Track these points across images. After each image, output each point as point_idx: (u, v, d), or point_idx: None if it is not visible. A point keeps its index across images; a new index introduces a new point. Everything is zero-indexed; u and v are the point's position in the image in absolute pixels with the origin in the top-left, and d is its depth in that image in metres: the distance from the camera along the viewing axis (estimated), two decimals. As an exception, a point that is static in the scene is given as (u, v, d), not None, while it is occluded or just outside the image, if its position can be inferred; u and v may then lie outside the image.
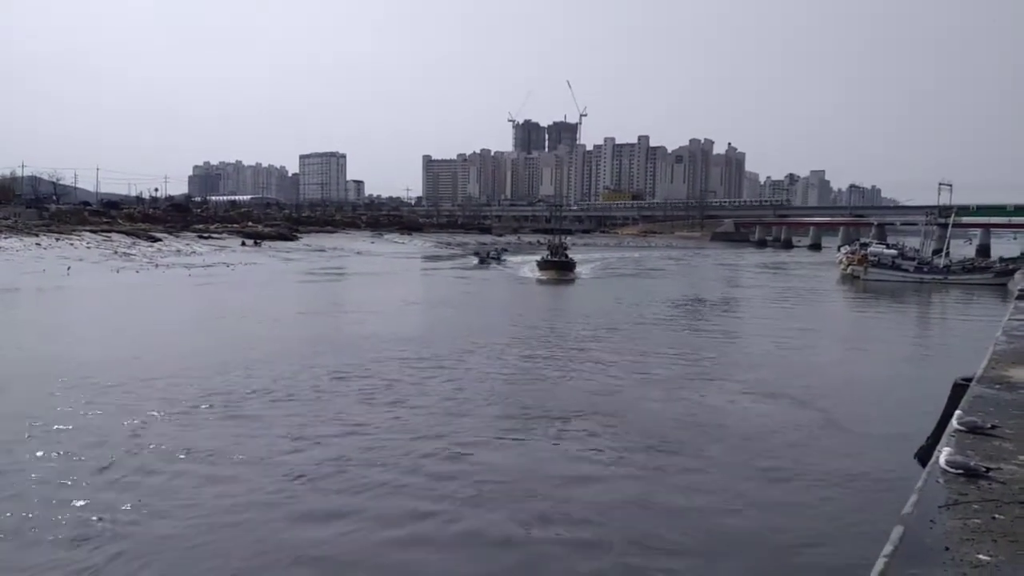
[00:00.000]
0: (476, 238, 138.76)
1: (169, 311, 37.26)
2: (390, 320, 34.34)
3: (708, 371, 22.99)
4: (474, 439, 15.12)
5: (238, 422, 16.05)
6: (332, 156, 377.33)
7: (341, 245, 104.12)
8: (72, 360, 21.79)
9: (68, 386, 18.64)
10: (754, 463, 13.89)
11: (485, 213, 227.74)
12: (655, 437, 15.38)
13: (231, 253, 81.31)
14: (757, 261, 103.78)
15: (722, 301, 47.76)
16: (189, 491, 12.12)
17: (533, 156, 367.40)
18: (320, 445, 14.51)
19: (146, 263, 65.82)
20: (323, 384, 19.83)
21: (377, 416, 16.73)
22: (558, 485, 12.55)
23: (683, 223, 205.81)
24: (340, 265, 75.35)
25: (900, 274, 61.90)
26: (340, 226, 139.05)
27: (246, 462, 13.52)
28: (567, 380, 21.25)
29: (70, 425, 15.37)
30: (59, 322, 32.03)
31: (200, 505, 11.59)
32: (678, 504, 11.88)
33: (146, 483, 12.32)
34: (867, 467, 13.68)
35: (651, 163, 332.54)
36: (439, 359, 23.65)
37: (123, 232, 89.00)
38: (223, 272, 60.63)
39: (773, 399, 19.18)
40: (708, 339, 30.37)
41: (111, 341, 26.69)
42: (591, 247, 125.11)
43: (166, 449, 14.06)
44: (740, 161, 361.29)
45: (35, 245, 71.65)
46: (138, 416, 16.18)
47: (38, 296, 41.29)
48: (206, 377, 20.16)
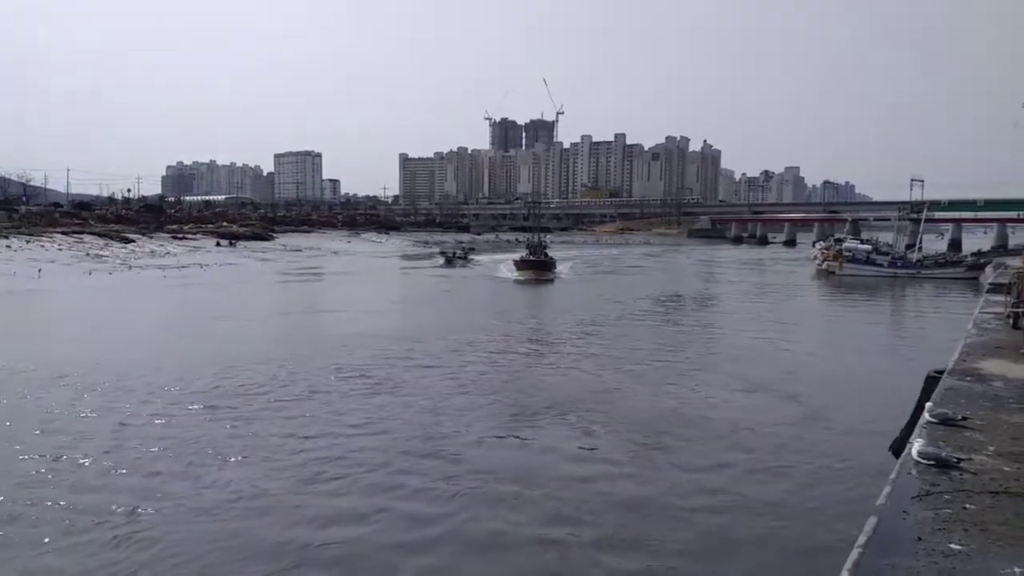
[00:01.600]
0: (454, 237, 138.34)
1: (145, 313, 36.74)
2: (374, 319, 34.19)
3: (690, 366, 23.26)
4: (472, 437, 15.24)
5: (235, 421, 16.02)
6: (307, 155, 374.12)
7: (318, 245, 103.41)
8: (47, 362, 21.41)
9: (42, 387, 18.38)
10: (734, 456, 14.05)
11: (463, 211, 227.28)
12: (642, 431, 15.59)
13: (206, 254, 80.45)
14: (733, 257, 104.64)
15: (700, 297, 48.11)
16: (185, 492, 12.04)
17: (510, 154, 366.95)
18: (316, 444, 14.52)
19: (119, 265, 64.91)
20: (316, 383, 19.81)
21: (374, 413, 16.83)
22: (556, 483, 12.59)
23: (660, 220, 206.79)
24: (317, 265, 74.85)
25: (874, 269, 62.64)
26: (316, 226, 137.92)
27: (248, 462, 13.48)
28: (555, 377, 21.41)
29: (51, 424, 15.20)
30: (30, 325, 31.51)
31: (197, 504, 11.56)
32: (664, 499, 11.95)
33: (145, 482, 12.21)
34: (842, 459, 13.83)
35: (628, 161, 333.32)
36: (428, 357, 23.78)
37: (95, 234, 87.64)
38: (198, 273, 59.98)
39: (753, 393, 19.51)
40: (688, 335, 30.67)
41: (88, 343, 26.29)
42: (569, 245, 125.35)
43: (163, 449, 13.95)
44: (716, 158, 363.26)
45: (5, 247, 70.37)
46: (120, 415, 16.06)
47: (7, 299, 40.56)
48: (194, 378, 19.95)
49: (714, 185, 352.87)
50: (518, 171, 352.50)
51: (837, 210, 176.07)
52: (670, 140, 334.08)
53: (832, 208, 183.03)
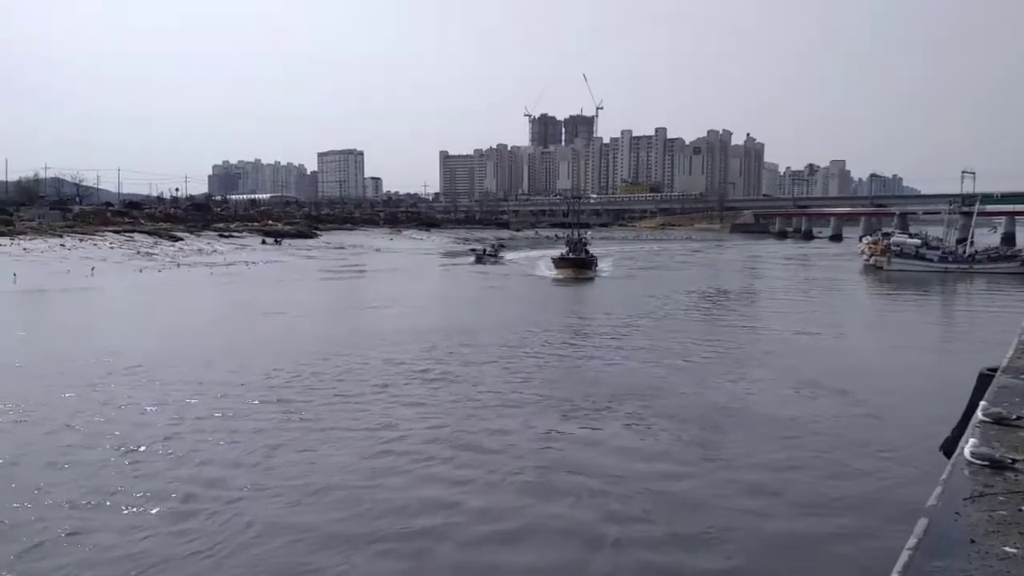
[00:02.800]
0: (494, 233, 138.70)
1: (198, 309, 37.72)
2: (422, 315, 34.68)
3: (738, 362, 23.38)
4: (531, 430, 15.49)
5: (300, 413, 16.52)
6: (350, 153, 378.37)
7: (360, 242, 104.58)
8: (108, 355, 22.09)
9: (108, 379, 19.00)
10: (784, 453, 14.00)
11: (503, 208, 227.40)
12: (695, 426, 15.74)
13: (252, 252, 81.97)
14: (778, 252, 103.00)
15: (745, 293, 47.51)
16: (256, 480, 12.47)
17: (550, 150, 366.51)
18: (382, 436, 14.94)
19: (168, 262, 66.54)
20: (374, 376, 20.42)
21: (435, 406, 17.28)
22: (613, 478, 12.69)
23: (702, 215, 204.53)
24: (360, 262, 75.73)
25: (924, 264, 61.15)
26: (359, 223, 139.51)
27: (313, 453, 13.90)
28: (607, 372, 21.62)
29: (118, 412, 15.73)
30: (86, 322, 32.48)
31: (287, 486, 12.11)
32: (716, 496, 11.94)
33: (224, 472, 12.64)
34: (891, 459, 13.61)
35: (669, 155, 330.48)
36: (480, 352, 24.27)
37: (145, 232, 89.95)
38: (245, 271, 61.19)
39: (802, 389, 19.41)
40: (735, 330, 30.47)
41: (145, 338, 26.94)
42: (609, 240, 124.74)
43: (228, 439, 14.44)
44: (759, 152, 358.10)
45: (59, 246, 72.61)
46: (185, 406, 16.62)
47: (64, 296, 41.89)
48: (257, 371, 20.63)
49: (757, 179, 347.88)
50: (557, 167, 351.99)
51: (884, 204, 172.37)
52: (712, 134, 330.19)
53: (879, 202, 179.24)
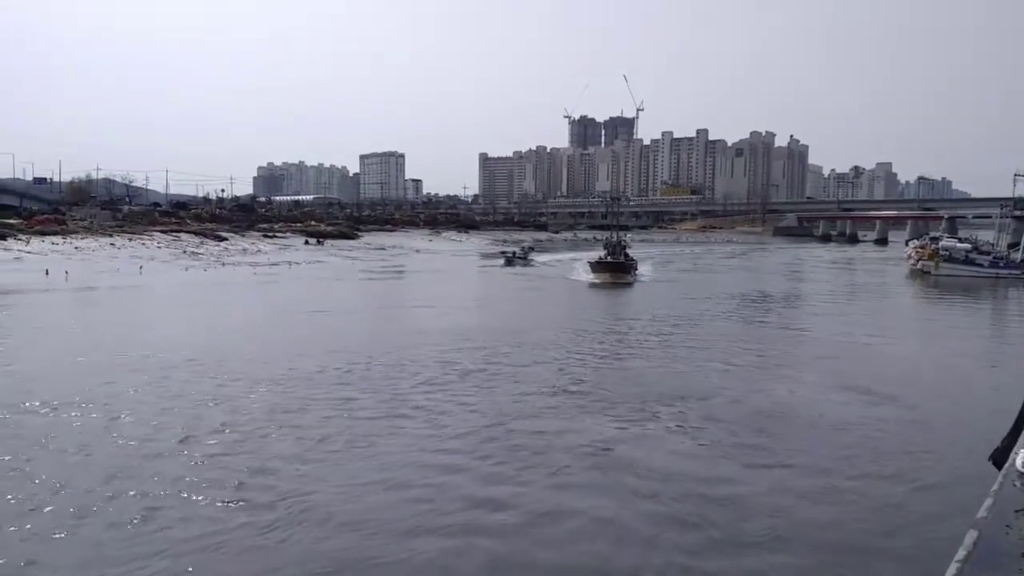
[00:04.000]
0: (532, 235, 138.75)
1: (245, 307, 38.47)
2: (464, 315, 34.99)
3: (784, 365, 23.29)
4: (583, 431, 15.49)
5: (351, 407, 16.89)
6: (391, 156, 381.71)
7: (400, 243, 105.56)
8: (163, 350, 22.62)
9: (166, 373, 19.47)
10: (830, 459, 13.79)
11: (541, 210, 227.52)
12: (742, 428, 15.67)
13: (295, 252, 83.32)
14: (822, 256, 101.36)
15: (790, 296, 46.83)
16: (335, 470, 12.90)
17: (589, 152, 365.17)
18: (435, 431, 15.26)
19: (214, 262, 67.98)
20: (427, 371, 20.82)
21: (486, 404, 17.52)
22: (661, 477, 12.73)
23: (744, 218, 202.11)
24: (401, 263, 76.46)
25: (974, 269, 59.57)
26: (399, 224, 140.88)
27: (369, 447, 14.21)
28: (651, 373, 21.60)
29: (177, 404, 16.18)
30: (137, 319, 33.31)
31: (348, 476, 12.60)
32: (762, 499, 11.85)
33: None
34: (940, 468, 13.33)
35: (710, 157, 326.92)
36: (526, 351, 24.43)
37: (191, 232, 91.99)
38: (288, 270, 62.23)
39: (848, 392, 19.20)
40: (779, 334, 30.27)
41: (195, 334, 27.45)
42: (649, 243, 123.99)
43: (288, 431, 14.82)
44: (803, 154, 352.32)
45: (109, 245, 74.71)
46: (243, 399, 16.95)
47: (115, 293, 43.05)
48: (312, 365, 21.00)
49: (801, 182, 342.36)
50: (597, 169, 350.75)
51: (932, 207, 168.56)
52: (755, 135, 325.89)
53: (927, 205, 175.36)
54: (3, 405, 16.44)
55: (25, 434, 14.45)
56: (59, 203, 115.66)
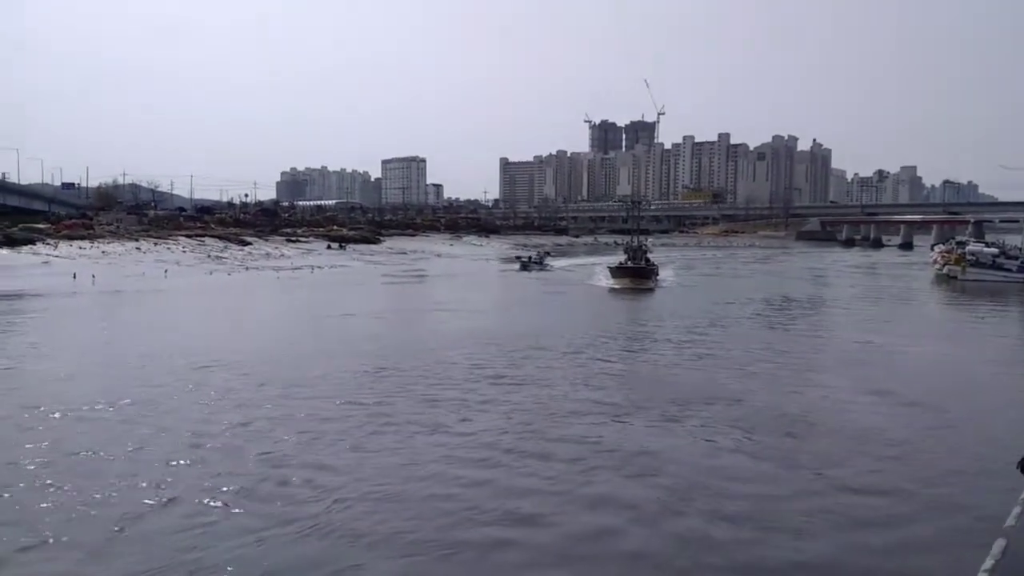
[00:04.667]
0: (552, 239, 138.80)
1: (270, 310, 39.03)
2: (486, 320, 35.32)
3: (810, 369, 23.34)
4: (611, 432, 15.63)
5: (378, 406, 17.27)
6: (413, 161, 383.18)
7: (422, 248, 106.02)
8: (189, 353, 22.89)
9: (199, 374, 19.76)
10: (857, 464, 13.75)
11: (561, 214, 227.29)
12: (768, 431, 15.70)
13: (317, 256, 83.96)
14: (846, 260, 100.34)
15: (814, 301, 46.40)
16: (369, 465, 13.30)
17: (610, 156, 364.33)
18: (467, 427, 15.65)
19: (237, 266, 68.67)
20: (455, 374, 21.09)
21: (514, 404, 17.78)
22: (689, 479, 12.82)
23: (766, 222, 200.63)
24: (422, 267, 76.79)
25: (1002, 274, 58.70)
26: (420, 229, 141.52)
27: (399, 445, 14.51)
28: (677, 376, 21.72)
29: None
30: (163, 322, 33.71)
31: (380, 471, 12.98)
32: (787, 504, 11.81)
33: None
34: (967, 475, 13.15)
35: (732, 161, 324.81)
36: (548, 355, 24.55)
37: (215, 236, 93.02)
38: (311, 275, 62.72)
39: (875, 397, 19.11)
40: (805, 339, 30.12)
41: (224, 337, 27.80)
42: (670, 247, 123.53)
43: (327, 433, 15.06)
44: (826, 158, 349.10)
45: (135, 249, 75.73)
46: (278, 402, 17.18)
47: (140, 297, 43.63)
48: (341, 367, 21.23)
49: (824, 186, 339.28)
50: (617, 173, 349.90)
51: (958, 211, 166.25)
52: (777, 139, 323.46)
53: (952, 209, 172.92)
54: (39, 406, 16.75)
55: (63, 436, 14.69)
56: (86, 208, 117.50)
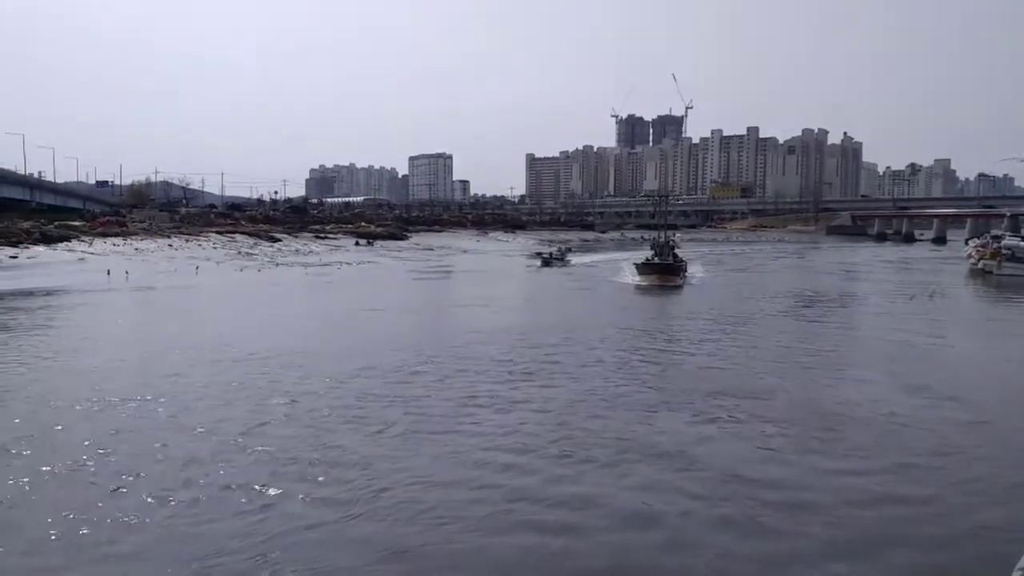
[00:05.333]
0: (579, 235, 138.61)
1: (303, 306, 39.44)
2: (516, 315, 35.78)
3: (844, 365, 23.30)
4: (646, 426, 15.78)
5: (416, 401, 17.50)
6: (439, 157, 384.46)
7: (448, 244, 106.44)
8: (223, 346, 23.31)
9: (232, 366, 20.11)
10: (892, 460, 13.68)
11: (588, 210, 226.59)
12: (805, 428, 15.65)
13: (345, 252, 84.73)
14: (878, 256, 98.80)
15: (847, 296, 45.79)
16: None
17: (636, 151, 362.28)
18: (498, 420, 15.96)
19: (267, 262, 69.50)
20: (490, 368, 21.45)
21: (558, 398, 17.98)
22: (723, 474, 12.86)
23: (796, 217, 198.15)
24: (449, 263, 77.07)
25: (1039, 269, 57.48)
26: (447, 225, 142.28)
27: (431, 436, 14.81)
28: (710, 371, 21.65)
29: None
30: (196, 318, 34.29)
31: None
32: (821, 499, 11.81)
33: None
34: (999, 474, 13.02)
35: (761, 155, 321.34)
36: (582, 348, 24.91)
37: (246, 233, 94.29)
38: (340, 271, 63.20)
39: (911, 394, 18.93)
40: (839, 334, 29.94)
41: (261, 332, 27.95)
42: (698, 242, 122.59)
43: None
44: (857, 151, 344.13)
45: (167, 246, 77.08)
46: (320, 396, 17.42)
47: (173, 293, 44.34)
48: (377, 362, 21.60)
49: (855, 179, 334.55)
50: (644, 168, 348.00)
51: (993, 205, 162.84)
52: (807, 132, 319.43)
53: (987, 203, 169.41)
54: (90, 398, 17.22)
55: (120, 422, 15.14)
56: (120, 205, 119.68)
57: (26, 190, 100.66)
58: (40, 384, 18.99)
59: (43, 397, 17.46)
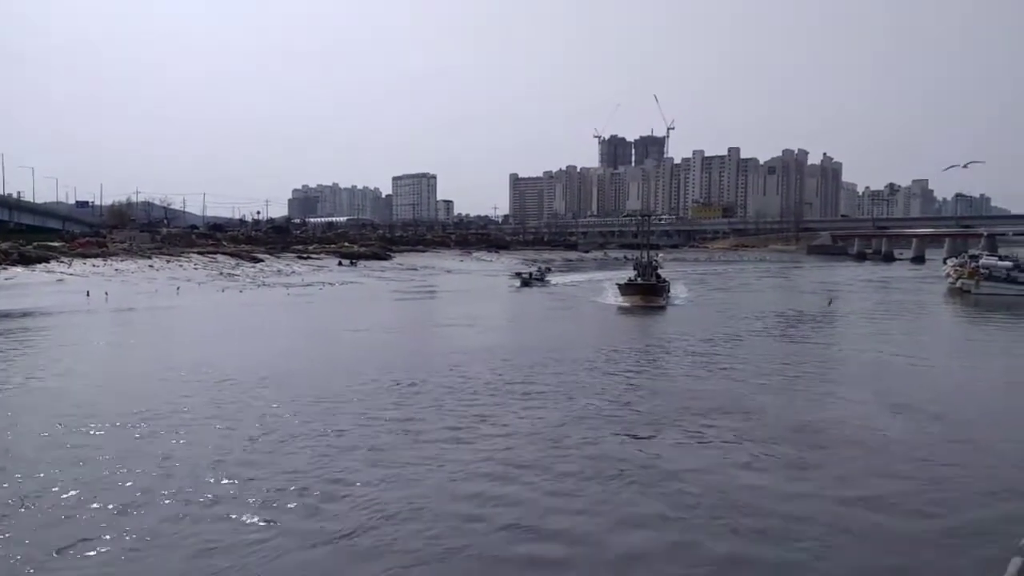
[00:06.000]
0: (562, 254, 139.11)
1: (282, 327, 38.96)
2: (499, 335, 35.54)
3: (829, 382, 23.60)
4: (630, 443, 15.98)
5: (413, 421, 16.99)
6: (423, 177, 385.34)
7: (432, 264, 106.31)
8: (203, 368, 22.98)
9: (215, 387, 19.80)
10: (874, 479, 13.76)
11: (571, 229, 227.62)
12: (790, 446, 15.80)
13: (328, 273, 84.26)
14: (858, 275, 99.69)
15: (828, 315, 46.08)
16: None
17: (619, 171, 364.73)
18: (482, 445, 15.76)
19: (249, 283, 68.92)
20: (478, 388, 21.40)
21: (545, 417, 18.06)
22: (713, 491, 12.98)
23: (777, 236, 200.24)
24: (433, 283, 76.87)
25: (1016, 288, 58.28)
26: (431, 245, 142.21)
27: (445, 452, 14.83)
28: (696, 390, 21.86)
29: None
30: (176, 340, 33.84)
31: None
32: (806, 516, 11.87)
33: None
34: (981, 491, 13.09)
35: (742, 175, 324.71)
36: (568, 368, 24.99)
37: (227, 254, 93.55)
38: (322, 291, 62.74)
39: (891, 411, 19.23)
40: (824, 352, 30.36)
41: (241, 354, 27.65)
42: (681, 262, 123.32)
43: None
44: (836, 171, 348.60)
45: (148, 267, 76.25)
46: (307, 422, 17.19)
47: (152, 314, 43.84)
48: (364, 381, 21.26)
49: (835, 199, 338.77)
50: (627, 188, 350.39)
51: (971, 224, 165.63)
52: (787, 153, 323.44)
53: (965, 222, 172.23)
54: (54, 422, 16.85)
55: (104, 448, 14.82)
56: (100, 226, 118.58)
57: (4, 210, 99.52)
58: (5, 408, 18.65)
59: (9, 421, 17.16)
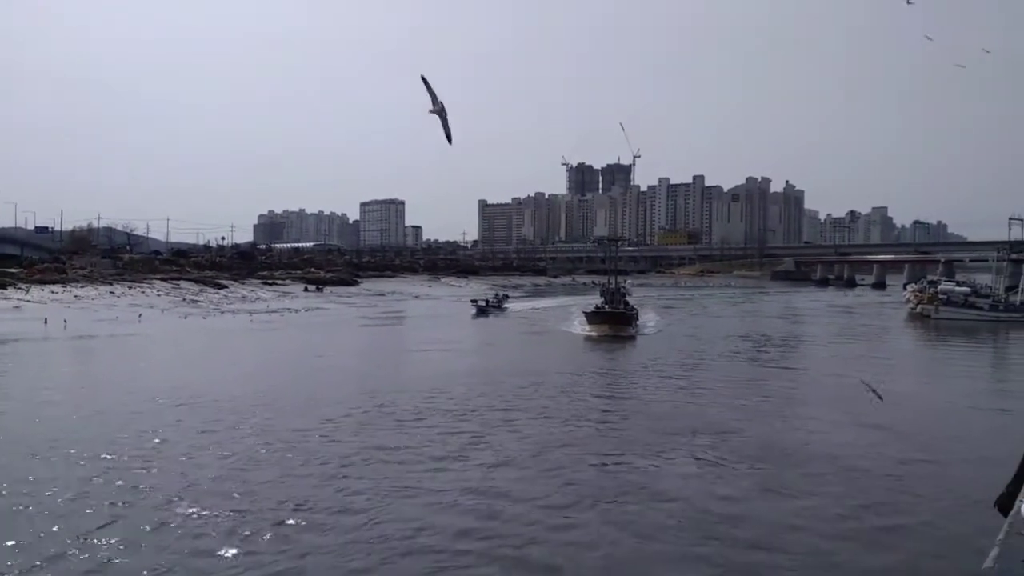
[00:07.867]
0: (531, 280, 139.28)
1: (245, 354, 38.39)
2: (468, 359, 35.61)
3: (797, 403, 24.63)
4: (610, 464, 16.19)
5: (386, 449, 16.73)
6: (391, 203, 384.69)
7: (400, 289, 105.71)
8: (159, 395, 22.55)
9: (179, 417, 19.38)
10: (836, 501, 13.94)
11: (540, 255, 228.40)
12: (763, 463, 16.21)
13: (294, 299, 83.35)
14: (821, 300, 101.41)
15: (794, 340, 46.78)
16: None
17: (587, 198, 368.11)
18: (464, 469, 15.83)
19: (213, 309, 67.90)
20: (458, 406, 21.90)
21: (520, 440, 18.27)
22: (684, 511, 13.21)
23: (742, 262, 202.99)
24: (400, 309, 76.43)
25: (974, 313, 59.69)
26: (399, 271, 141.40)
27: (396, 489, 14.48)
28: (668, 412, 22.17)
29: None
30: (135, 368, 33.14)
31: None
32: (776, 535, 11.82)
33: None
34: (944, 514, 13.24)
35: (707, 202, 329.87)
36: (542, 393, 25.16)
37: (191, 280, 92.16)
38: (287, 318, 61.96)
39: (857, 431, 19.78)
40: (789, 374, 31.19)
41: (206, 381, 27.22)
42: (647, 287, 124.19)
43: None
44: (799, 199, 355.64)
45: (109, 293, 74.78)
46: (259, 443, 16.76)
47: (112, 342, 42.91)
48: (328, 409, 20.78)
49: (797, 226, 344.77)
50: (595, 215, 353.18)
51: (929, 251, 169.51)
52: (751, 181, 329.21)
53: (923, 249, 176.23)
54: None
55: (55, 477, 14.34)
56: (60, 252, 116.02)
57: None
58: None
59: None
